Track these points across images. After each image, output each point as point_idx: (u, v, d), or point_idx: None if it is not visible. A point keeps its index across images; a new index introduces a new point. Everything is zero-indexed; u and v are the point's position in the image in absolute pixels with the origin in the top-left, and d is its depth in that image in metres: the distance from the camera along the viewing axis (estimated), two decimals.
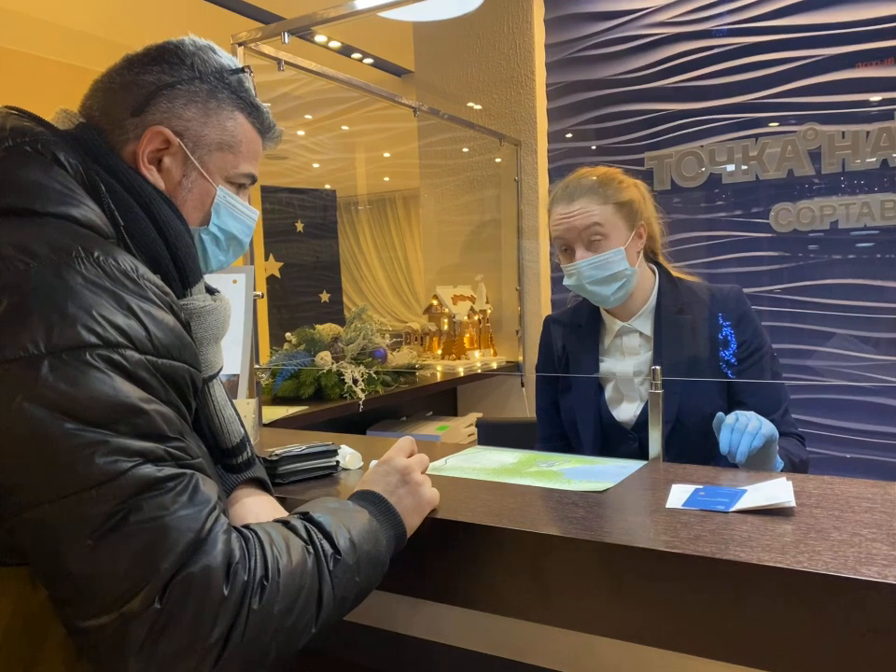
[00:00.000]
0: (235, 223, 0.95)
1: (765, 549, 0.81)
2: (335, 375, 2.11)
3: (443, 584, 0.97)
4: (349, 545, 0.79)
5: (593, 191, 1.45)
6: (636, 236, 1.48)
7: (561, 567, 0.89)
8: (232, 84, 0.91)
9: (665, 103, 2.76)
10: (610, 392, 1.53)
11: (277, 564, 0.71)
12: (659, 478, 1.16)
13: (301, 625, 0.72)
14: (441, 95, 3.15)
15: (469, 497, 1.08)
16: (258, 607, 0.68)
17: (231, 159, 0.92)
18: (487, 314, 3.03)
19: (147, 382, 0.69)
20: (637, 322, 1.52)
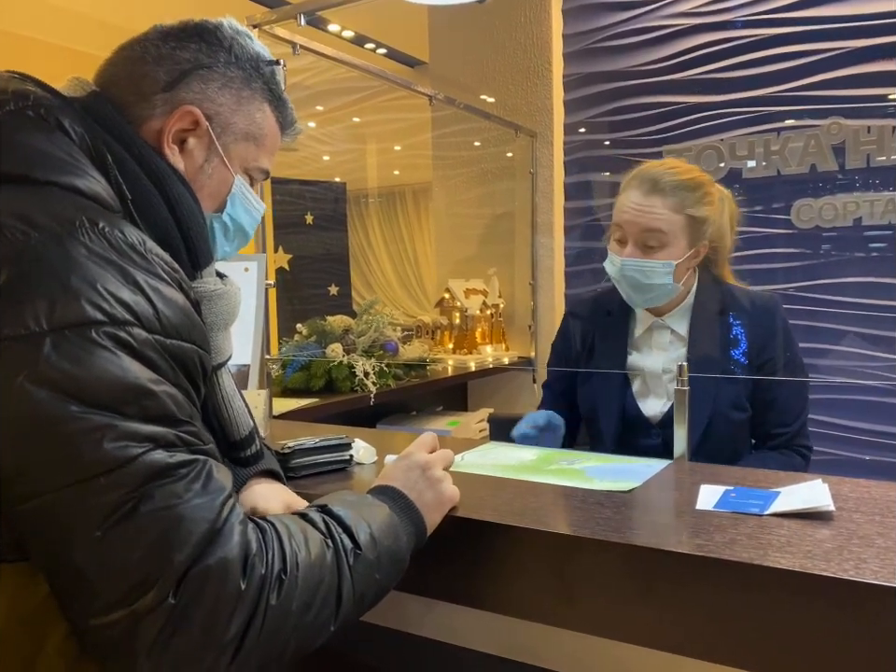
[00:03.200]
0: (246, 215, 0.92)
1: (807, 555, 0.77)
2: (346, 368, 2.07)
3: (463, 585, 0.93)
4: (370, 540, 0.76)
5: (672, 194, 1.35)
6: (693, 254, 1.40)
7: (588, 569, 0.84)
8: (266, 75, 0.88)
9: (685, 95, 2.70)
10: (638, 385, 1.48)
11: (296, 557, 0.68)
12: (685, 478, 1.11)
13: (321, 622, 0.70)
14: (455, 86, 3.10)
15: (488, 495, 1.04)
16: (276, 602, 0.65)
17: (254, 150, 0.89)
18: (500, 308, 2.98)
19: (156, 362, 0.65)
20: (670, 319, 1.47)
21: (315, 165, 5.32)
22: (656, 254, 1.36)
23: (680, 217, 1.35)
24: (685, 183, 1.37)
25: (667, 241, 1.35)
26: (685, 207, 1.35)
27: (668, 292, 1.40)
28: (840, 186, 2.47)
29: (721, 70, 2.62)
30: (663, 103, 2.74)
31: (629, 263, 1.37)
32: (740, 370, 1.41)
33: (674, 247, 1.36)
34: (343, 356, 2.09)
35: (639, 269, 1.37)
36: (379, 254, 7.00)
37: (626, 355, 1.49)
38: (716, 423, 1.38)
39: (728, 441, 1.39)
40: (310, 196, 5.55)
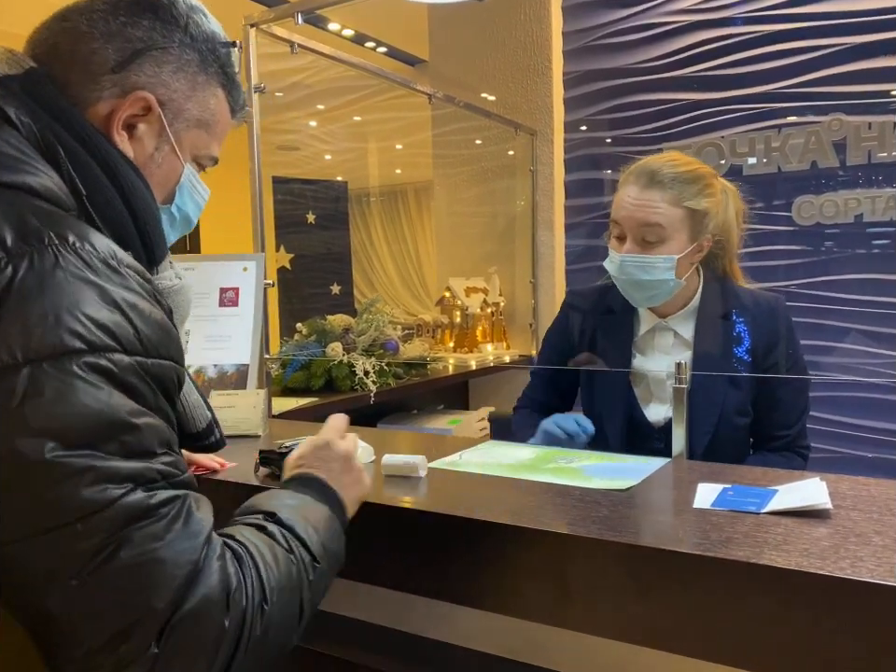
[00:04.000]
0: (192, 204, 0.89)
1: (803, 553, 0.76)
2: (346, 367, 2.07)
3: (462, 585, 0.93)
4: (322, 550, 0.75)
5: (671, 187, 1.31)
6: (695, 248, 1.36)
7: (585, 569, 0.84)
8: (222, 57, 0.84)
9: (685, 92, 2.69)
10: (642, 390, 1.46)
11: (272, 582, 0.67)
12: (683, 476, 1.11)
13: (287, 638, 0.69)
14: (454, 84, 3.10)
15: (485, 495, 1.04)
16: (260, 632, 0.64)
17: (205, 138, 0.85)
18: (500, 306, 2.98)
19: (137, 389, 0.63)
20: (674, 321, 1.44)
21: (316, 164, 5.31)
22: (656, 249, 1.33)
23: (679, 210, 1.32)
24: (684, 175, 1.33)
25: (667, 235, 1.32)
26: (684, 200, 1.32)
27: (670, 289, 1.37)
28: (841, 182, 2.45)
29: (722, 67, 2.61)
30: (663, 100, 2.73)
31: (628, 259, 1.34)
32: (748, 371, 1.40)
33: (674, 242, 1.33)
34: (343, 355, 2.09)
35: (639, 265, 1.34)
36: (381, 253, 6.99)
37: (630, 357, 1.46)
38: (722, 429, 1.37)
39: (731, 445, 1.39)
40: (311, 195, 5.54)
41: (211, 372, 1.55)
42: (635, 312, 1.48)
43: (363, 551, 1.01)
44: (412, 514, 0.95)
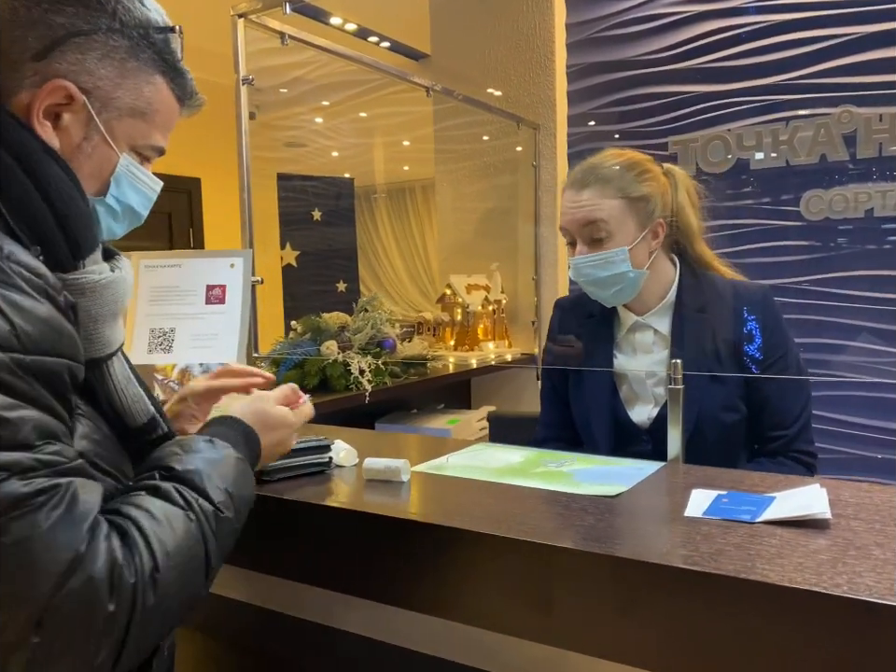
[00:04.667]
0: (136, 195, 0.86)
1: (798, 568, 0.71)
2: (341, 366, 2.03)
3: (438, 596, 0.89)
4: (227, 497, 0.75)
5: (606, 181, 1.32)
6: (649, 235, 1.35)
7: (566, 581, 0.80)
8: (157, 43, 0.81)
9: (691, 84, 2.63)
10: (625, 391, 1.42)
11: (165, 547, 0.67)
12: (678, 482, 1.06)
13: (194, 592, 0.71)
14: (456, 78, 3.05)
15: (468, 501, 0.99)
16: (153, 602, 0.65)
17: (143, 128, 0.83)
18: (502, 304, 2.93)
19: (11, 385, 0.61)
20: (651, 318, 1.40)
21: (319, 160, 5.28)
22: (606, 245, 1.32)
23: (618, 201, 1.32)
24: (616, 167, 1.34)
25: (612, 229, 1.32)
26: (620, 190, 1.32)
27: (634, 281, 1.34)
28: (851, 176, 2.39)
29: (728, 58, 2.55)
30: (668, 93, 2.68)
31: (581, 261, 1.34)
32: (733, 367, 1.34)
33: (622, 234, 1.32)
34: (338, 353, 2.05)
35: (592, 264, 1.33)
36: (389, 249, 6.96)
37: (612, 358, 1.43)
38: (704, 426, 1.32)
39: (720, 444, 1.33)
40: (317, 192, 5.51)
41: (196, 372, 1.51)
42: (614, 313, 1.46)
43: (338, 559, 0.97)
44: (387, 522, 0.91)
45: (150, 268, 1.58)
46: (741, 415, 1.35)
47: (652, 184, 1.35)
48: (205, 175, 4.60)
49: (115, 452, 0.80)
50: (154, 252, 1.59)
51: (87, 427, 0.76)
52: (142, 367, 1.54)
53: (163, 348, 1.52)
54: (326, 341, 2.08)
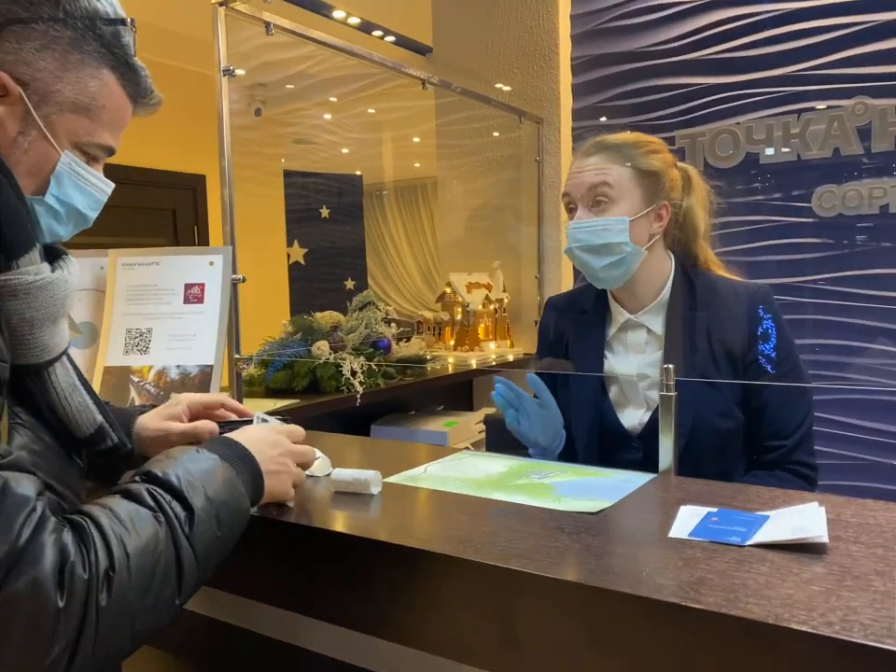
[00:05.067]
0: (80, 196, 0.82)
1: (786, 601, 0.64)
2: (332, 366, 1.97)
3: (397, 621, 0.82)
4: (204, 501, 0.73)
5: (615, 149, 1.28)
6: (653, 214, 1.29)
7: (534, 610, 0.73)
8: (105, 36, 0.78)
9: (699, 76, 2.54)
10: (615, 393, 1.35)
11: (123, 546, 0.65)
12: (668, 496, 0.99)
13: (164, 600, 0.68)
14: (460, 72, 2.98)
15: (438, 516, 0.93)
16: (107, 602, 0.63)
17: (87, 124, 0.79)
18: (504, 302, 2.86)
19: None
20: (645, 316, 1.33)
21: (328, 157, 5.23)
22: (606, 212, 1.26)
23: (626, 169, 1.27)
24: (628, 139, 1.31)
25: (616, 195, 1.26)
26: (629, 159, 1.27)
27: (629, 259, 1.27)
28: (866, 170, 2.29)
29: (738, 49, 2.46)
30: (675, 85, 2.59)
31: (578, 225, 1.27)
32: (729, 371, 1.27)
33: (626, 202, 1.26)
34: (329, 354, 1.99)
35: (589, 229, 1.26)
36: (400, 246, 6.90)
37: (602, 358, 1.36)
38: (700, 434, 1.24)
39: (715, 454, 1.25)
40: (325, 189, 5.46)
41: (173, 374, 1.46)
42: (606, 310, 1.38)
43: (293, 576, 0.91)
44: (345, 540, 0.85)
45: (128, 266, 1.53)
46: (738, 423, 1.27)
47: (661, 158, 1.31)
48: (210, 172, 4.57)
49: (58, 463, 0.77)
50: (132, 249, 1.54)
51: (26, 438, 0.72)
52: (118, 369, 1.49)
53: (140, 349, 1.47)
54: (317, 341, 2.02)
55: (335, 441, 1.40)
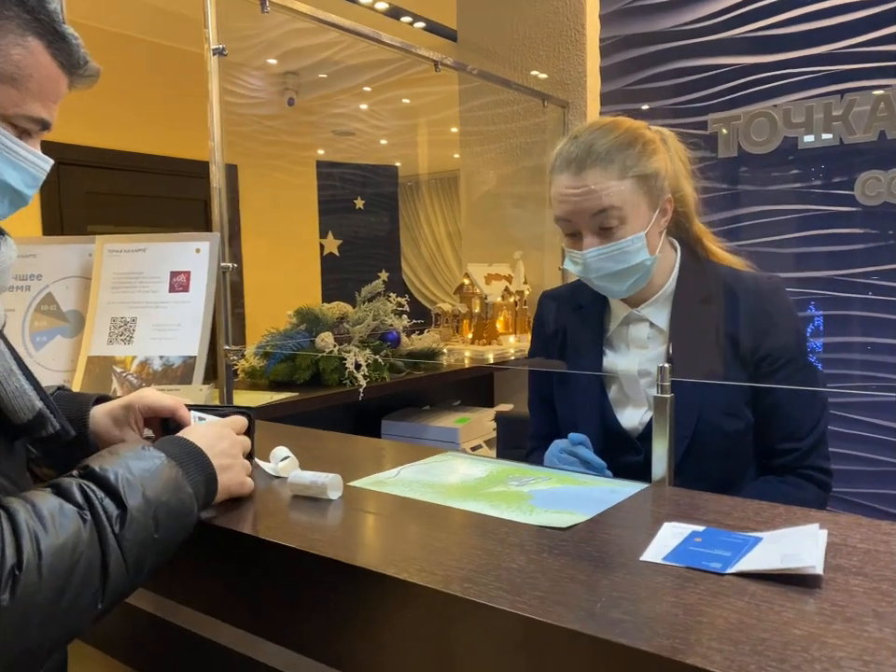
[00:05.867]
0: (13, 171, 0.78)
1: (756, 649, 0.54)
2: (336, 359, 1.90)
3: (329, 643, 0.74)
4: (141, 500, 0.70)
5: (608, 160, 1.12)
6: (660, 214, 1.17)
7: (471, 641, 0.64)
8: (28, 2, 0.73)
9: (734, 56, 2.39)
10: (615, 392, 1.25)
11: (37, 544, 0.61)
12: (656, 510, 0.89)
13: (83, 604, 0.65)
14: (485, 56, 2.88)
15: (391, 528, 0.85)
16: (9, 603, 0.59)
17: (14, 95, 0.74)
18: (525, 295, 2.75)
19: None
20: (648, 310, 1.22)
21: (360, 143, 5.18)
22: (618, 232, 1.13)
23: (628, 181, 1.12)
24: (618, 141, 1.13)
25: (626, 214, 1.12)
26: (629, 169, 1.12)
27: (649, 269, 1.17)
28: None
29: (775, 26, 2.30)
30: (709, 66, 2.44)
31: (592, 255, 1.13)
32: (738, 369, 1.16)
33: (636, 217, 1.13)
34: (333, 346, 1.92)
35: (606, 256, 1.13)
36: (438, 235, 6.83)
37: (601, 355, 1.26)
38: (703, 435, 1.14)
39: (721, 457, 1.14)
40: (359, 180, 5.42)
41: (156, 365, 1.41)
42: (606, 304, 1.27)
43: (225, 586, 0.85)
44: (281, 552, 0.77)
45: (114, 253, 1.48)
46: (746, 423, 1.16)
47: (658, 157, 1.17)
48: (242, 163, 4.56)
49: None
50: (119, 236, 1.50)
51: None
52: (101, 359, 1.44)
53: (124, 339, 1.43)
54: (322, 332, 1.95)
55: (324, 438, 1.33)
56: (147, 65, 4.14)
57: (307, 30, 3.19)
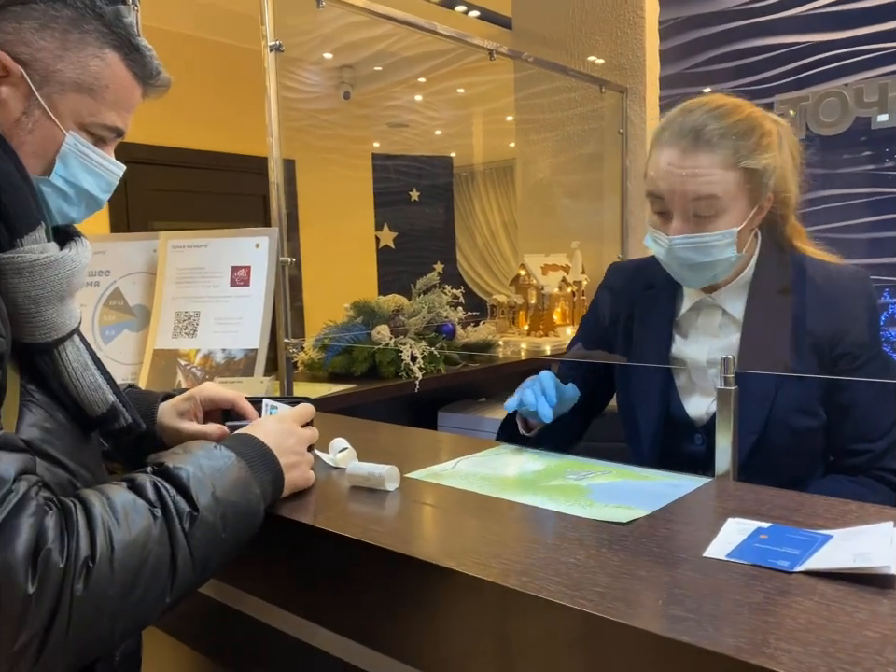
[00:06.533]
0: (88, 176, 0.81)
1: (826, 650, 0.52)
2: (392, 352, 1.91)
3: (392, 633, 0.75)
4: (210, 500, 0.71)
5: (721, 145, 1.04)
6: (757, 212, 1.10)
7: (530, 635, 0.64)
8: (106, 15, 0.77)
9: (801, 34, 2.30)
10: (683, 379, 1.21)
11: (109, 538, 0.63)
12: (718, 506, 0.87)
13: (151, 598, 0.66)
14: (541, 43, 2.84)
15: (448, 521, 0.85)
16: (83, 593, 0.60)
17: (91, 104, 0.78)
18: (583, 285, 2.71)
19: None
20: (721, 296, 1.18)
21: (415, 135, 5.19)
22: (711, 224, 1.07)
23: (735, 173, 1.05)
24: (735, 127, 1.05)
25: (723, 206, 1.06)
26: (740, 160, 1.04)
27: (730, 265, 1.12)
28: None
29: (844, 1, 2.20)
30: (774, 45, 2.35)
31: (680, 242, 1.08)
32: (809, 363, 1.11)
33: (732, 212, 1.07)
34: (389, 338, 1.93)
35: (693, 246, 1.08)
36: (494, 226, 6.80)
37: (671, 341, 1.22)
38: (773, 432, 1.10)
39: (788, 455, 1.10)
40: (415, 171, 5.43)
41: (219, 358, 1.44)
42: (678, 286, 1.22)
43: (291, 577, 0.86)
44: (339, 542, 0.78)
45: (178, 249, 1.52)
46: (819, 422, 1.11)
47: (772, 154, 1.08)
48: (299, 157, 4.63)
49: (71, 442, 0.77)
50: (182, 232, 1.54)
51: (37, 416, 0.73)
52: (166, 352, 1.49)
53: (188, 332, 1.47)
54: (378, 325, 1.97)
55: (377, 429, 1.34)
56: (202, 63, 4.23)
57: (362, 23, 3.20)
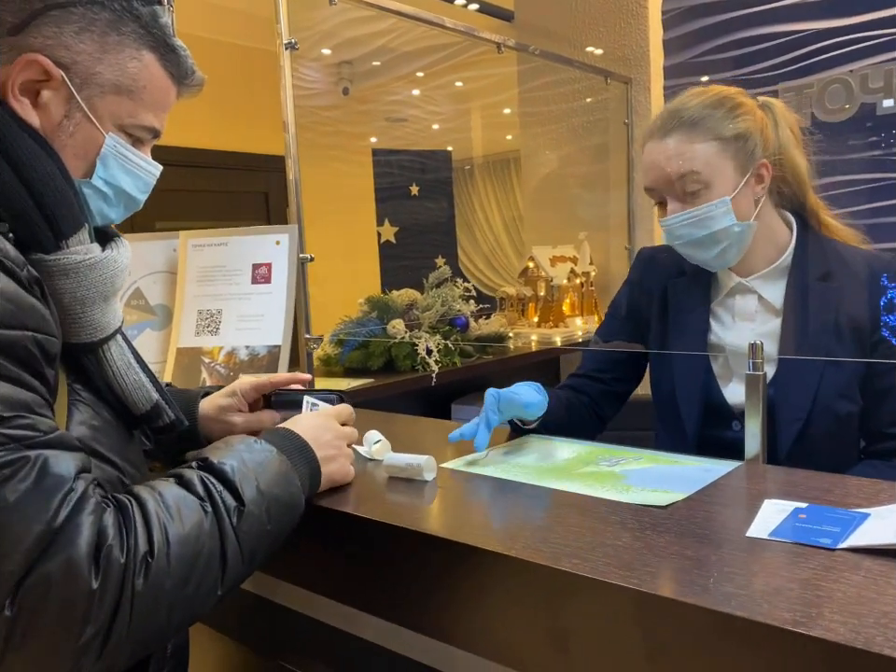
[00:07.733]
0: (127, 177, 0.82)
1: (880, 621, 0.54)
2: (408, 345, 1.93)
3: (440, 618, 0.77)
4: (255, 493, 0.73)
5: (691, 123, 1.11)
6: (752, 180, 1.14)
7: (585, 616, 0.66)
8: (143, 17, 0.77)
9: (805, 21, 2.31)
10: (719, 366, 1.23)
11: (165, 533, 0.64)
12: (751, 488, 0.89)
13: (205, 590, 0.68)
14: (543, 35, 2.85)
15: (490, 508, 0.87)
16: (143, 588, 0.62)
17: (129, 106, 0.79)
18: (591, 276, 2.73)
19: None
20: (757, 281, 1.19)
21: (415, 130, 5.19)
22: (702, 197, 1.12)
23: (709, 144, 1.11)
24: (704, 105, 1.12)
25: (707, 179, 1.11)
26: (709, 131, 1.11)
27: (741, 237, 1.14)
28: None
29: None
30: (777, 33, 2.36)
31: (672, 221, 1.14)
32: (848, 349, 1.13)
33: (719, 182, 1.11)
34: (404, 332, 1.95)
35: (687, 221, 1.12)
36: (493, 220, 6.81)
37: (707, 327, 1.23)
38: (817, 418, 1.12)
39: (830, 441, 1.12)
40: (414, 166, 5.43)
41: (242, 355, 1.46)
42: (710, 273, 1.24)
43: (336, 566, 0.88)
44: (383, 530, 0.80)
45: (198, 247, 1.53)
46: (858, 406, 1.14)
47: (748, 118, 1.14)
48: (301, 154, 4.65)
49: (118, 439, 0.79)
50: (202, 231, 1.55)
51: (85, 414, 0.75)
52: (189, 350, 1.50)
53: (210, 330, 1.48)
54: (392, 319, 1.99)
55: (401, 421, 1.35)
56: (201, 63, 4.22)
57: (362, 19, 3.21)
